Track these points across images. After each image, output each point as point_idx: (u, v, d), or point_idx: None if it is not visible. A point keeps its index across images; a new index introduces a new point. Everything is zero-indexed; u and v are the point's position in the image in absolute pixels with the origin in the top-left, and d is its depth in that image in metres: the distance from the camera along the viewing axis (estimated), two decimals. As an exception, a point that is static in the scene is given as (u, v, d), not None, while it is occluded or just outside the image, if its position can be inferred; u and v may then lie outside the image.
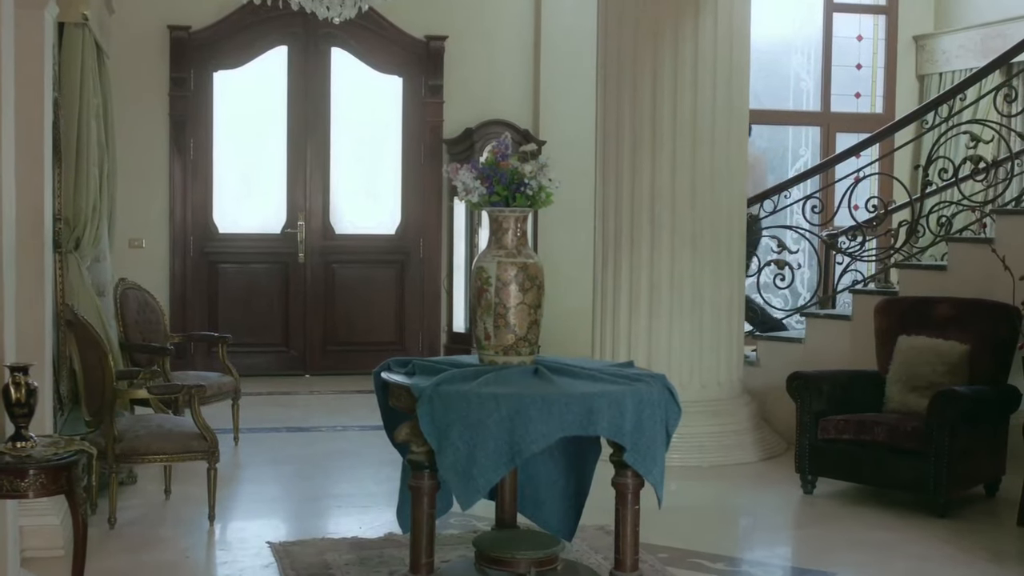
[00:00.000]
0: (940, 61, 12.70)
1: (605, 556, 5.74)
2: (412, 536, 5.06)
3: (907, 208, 9.16)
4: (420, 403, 4.73)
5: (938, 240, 8.69)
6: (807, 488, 7.49)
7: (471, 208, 5.48)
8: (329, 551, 6.04)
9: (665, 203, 7.98)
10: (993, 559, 6.24)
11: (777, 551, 6.56)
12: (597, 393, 4.78)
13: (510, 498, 5.53)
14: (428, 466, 4.91)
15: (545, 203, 5.21)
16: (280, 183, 11.52)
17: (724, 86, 8.16)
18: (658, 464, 4.88)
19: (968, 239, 8.58)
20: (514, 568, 5.10)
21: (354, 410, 9.67)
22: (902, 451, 6.88)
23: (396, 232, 11.81)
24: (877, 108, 13.09)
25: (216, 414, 7.80)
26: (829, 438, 7.26)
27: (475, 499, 4.76)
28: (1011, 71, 9.94)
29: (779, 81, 12.95)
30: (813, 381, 7.42)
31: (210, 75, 11.29)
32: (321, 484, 7.64)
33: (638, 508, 5.04)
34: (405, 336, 11.68)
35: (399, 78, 11.73)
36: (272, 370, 11.31)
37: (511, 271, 5.12)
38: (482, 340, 5.19)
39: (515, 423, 4.63)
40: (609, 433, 4.80)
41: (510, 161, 5.16)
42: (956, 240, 8.55)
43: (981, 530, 6.75)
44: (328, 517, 7.01)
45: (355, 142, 11.75)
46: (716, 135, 8.12)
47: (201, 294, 11.29)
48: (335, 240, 11.64)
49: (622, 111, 8.17)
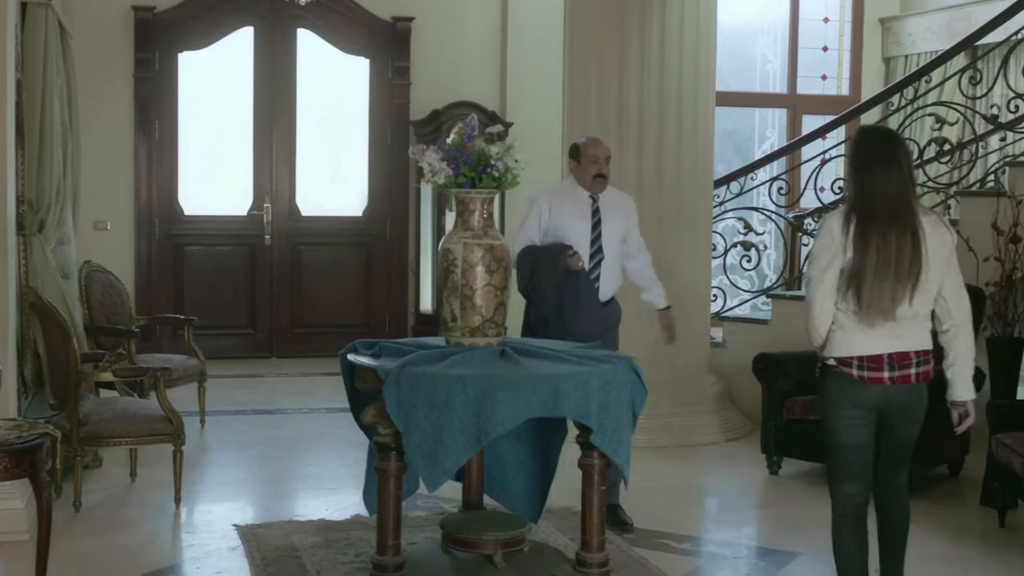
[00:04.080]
0: (906, 43, 12.74)
1: (572, 537, 5.76)
2: (379, 518, 5.05)
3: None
4: (386, 385, 4.73)
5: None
6: (772, 468, 7.53)
7: (437, 190, 5.46)
8: (296, 533, 6.04)
9: (631, 184, 7.97)
10: (956, 537, 6.30)
11: (743, 531, 6.60)
12: (563, 375, 4.79)
13: (477, 480, 5.54)
14: (394, 448, 4.91)
15: (511, 184, 5.20)
16: (246, 165, 11.45)
17: (691, 68, 8.17)
18: (624, 445, 4.90)
19: (933, 221, 8.61)
20: (481, 549, 5.11)
21: (321, 392, 9.65)
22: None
23: (363, 214, 11.77)
24: (843, 90, 13.11)
25: (182, 397, 7.77)
26: (794, 419, 7.30)
27: (442, 481, 4.76)
28: (976, 53, 9.98)
29: (745, 63, 12.96)
30: (779, 362, 7.46)
31: (175, 56, 11.21)
32: (288, 466, 7.63)
33: (604, 489, 5.07)
34: (372, 318, 11.65)
35: (366, 59, 11.68)
36: (238, 352, 11.26)
37: (477, 253, 5.12)
38: (448, 322, 5.19)
39: (481, 405, 4.64)
40: (575, 414, 4.81)
41: (476, 142, 5.15)
42: (921, 222, 8.59)
43: (945, 509, 6.81)
44: (295, 499, 7.00)
45: (322, 124, 11.70)
46: (683, 117, 8.13)
47: (167, 276, 11.23)
48: (301, 222, 11.59)
49: (589, 93, 8.17)
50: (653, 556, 5.78)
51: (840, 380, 4.76)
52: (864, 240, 4.63)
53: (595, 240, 6.31)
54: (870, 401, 4.76)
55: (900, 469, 4.96)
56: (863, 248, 4.62)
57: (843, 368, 4.74)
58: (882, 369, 4.72)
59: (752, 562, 5.98)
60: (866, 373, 4.72)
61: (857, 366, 4.72)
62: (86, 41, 10.01)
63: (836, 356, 4.76)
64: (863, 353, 4.71)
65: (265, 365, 11.14)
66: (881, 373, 4.73)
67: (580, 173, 6.38)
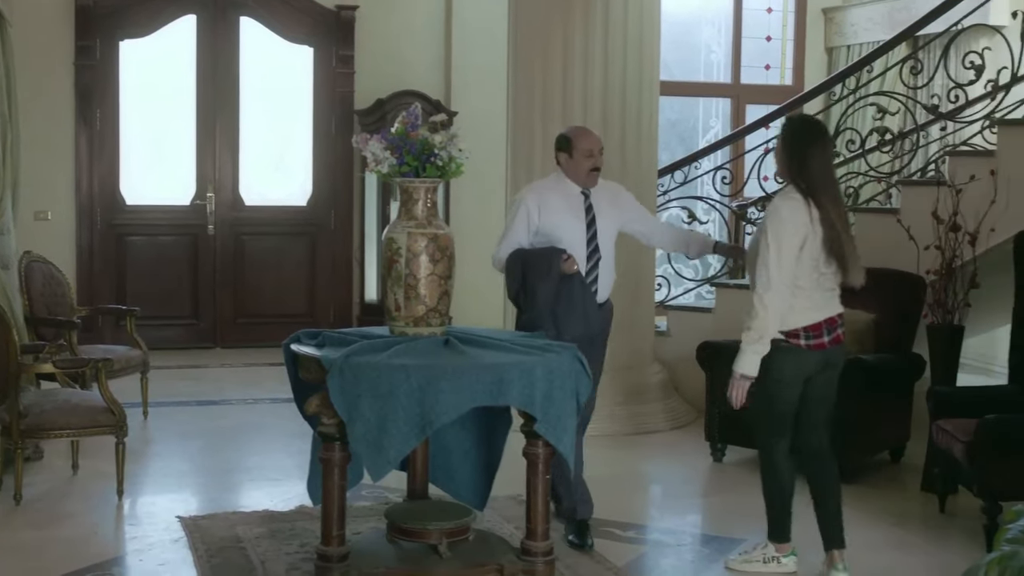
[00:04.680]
0: (848, 34, 12.83)
1: (517, 526, 5.77)
2: (323, 508, 5.03)
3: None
4: (330, 375, 4.71)
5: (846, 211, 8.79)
6: (717, 456, 7.58)
7: (382, 179, 5.45)
8: (240, 524, 6.02)
9: (576, 174, 7.98)
10: (897, 523, 6.38)
11: (687, 518, 6.64)
12: (508, 363, 4.79)
13: (421, 469, 5.54)
14: (338, 438, 4.89)
15: (455, 173, 5.20)
16: (189, 154, 11.37)
17: (635, 57, 8.19)
18: (569, 433, 4.90)
19: (874, 209, 8.71)
20: (425, 539, 5.10)
21: (265, 382, 9.60)
22: (810, 418, 6.96)
23: (307, 203, 11.72)
24: (786, 80, 13.20)
25: (124, 388, 7.71)
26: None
27: (386, 470, 4.75)
28: (917, 44, 10.06)
29: (690, 53, 13.01)
30: (723, 350, 7.47)
31: (116, 44, 11.10)
32: (232, 457, 7.60)
33: (549, 477, 5.07)
34: (317, 308, 11.61)
35: (310, 48, 11.63)
36: (182, 343, 11.19)
37: (421, 242, 5.11)
38: (392, 311, 5.18)
39: (425, 394, 4.63)
40: (520, 403, 4.81)
41: (420, 131, 5.14)
42: (863, 210, 8.69)
43: (886, 495, 6.89)
44: (239, 491, 6.97)
45: (265, 113, 11.62)
46: (627, 106, 8.15)
47: (109, 266, 11.13)
48: (245, 212, 11.52)
49: (533, 82, 8.17)
50: (598, 544, 5.80)
51: (788, 353, 5.28)
52: (827, 214, 5.22)
53: (591, 239, 5.91)
54: (811, 367, 5.35)
55: (828, 426, 5.55)
56: (829, 222, 5.22)
57: (791, 341, 5.28)
58: (822, 335, 5.32)
59: (696, 549, 6.02)
60: (812, 341, 5.30)
61: (804, 336, 5.28)
62: (25, 29, 9.89)
63: (784, 331, 5.26)
64: (807, 323, 5.27)
65: (208, 355, 11.08)
66: (822, 339, 5.32)
67: (572, 167, 5.94)
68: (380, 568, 5.03)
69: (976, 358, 9.67)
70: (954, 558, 5.59)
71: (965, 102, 8.38)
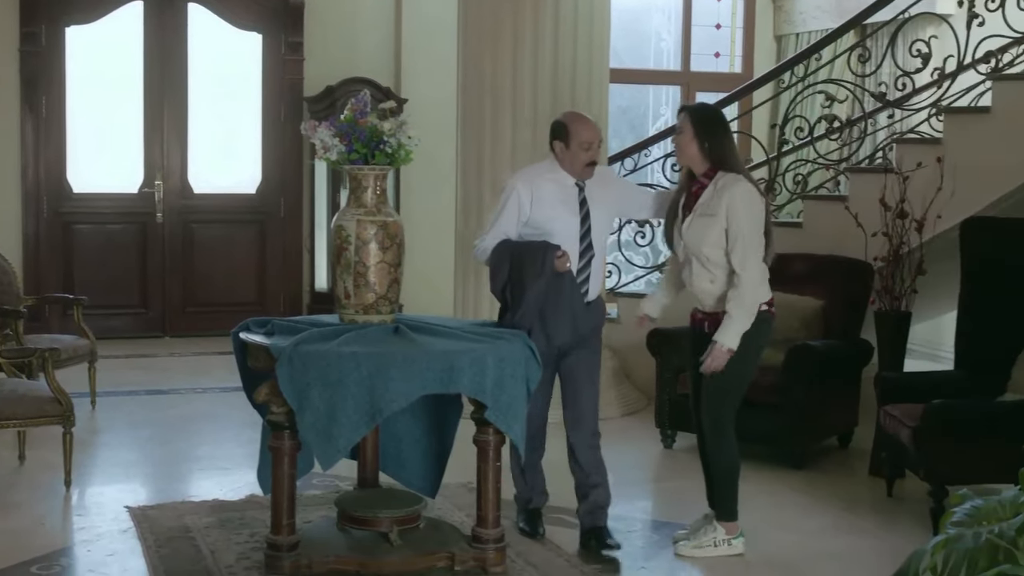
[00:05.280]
0: (797, 22, 12.89)
1: (468, 513, 5.77)
2: (273, 497, 5.02)
3: (764, 166, 9.29)
4: (279, 363, 4.69)
5: (794, 198, 8.85)
6: (667, 442, 7.61)
7: (331, 166, 5.43)
8: (189, 514, 5.99)
9: (526, 161, 7.96)
10: (846, 507, 6.42)
11: (638, 504, 6.65)
12: (458, 351, 4.80)
13: (372, 457, 5.53)
14: (288, 426, 4.88)
15: (405, 161, 5.19)
16: (137, 142, 11.27)
17: (584, 45, 8.18)
18: (519, 421, 4.92)
19: (823, 197, 8.76)
20: (376, 527, 5.11)
21: (215, 371, 9.55)
22: (759, 404, 6.97)
23: (256, 191, 11.65)
24: (736, 68, 13.24)
25: (72, 378, 7.64)
26: (687, 393, 7.36)
27: (336, 459, 4.75)
28: (864, 32, 10.13)
29: (639, 40, 13.03)
30: (672, 337, 7.51)
31: (62, 30, 10.98)
32: (181, 447, 7.55)
33: (499, 464, 5.10)
34: (267, 296, 11.56)
35: (258, 35, 11.55)
36: (130, 332, 11.09)
37: (370, 229, 5.10)
38: (342, 299, 5.17)
39: (375, 382, 4.63)
40: (470, 391, 4.82)
41: (369, 118, 5.13)
42: (811, 198, 8.74)
43: (835, 480, 6.94)
44: (188, 480, 6.93)
45: (214, 100, 11.54)
46: (576, 93, 8.15)
47: (56, 255, 11.02)
48: (194, 199, 11.44)
49: (483, 69, 8.16)
50: (549, 531, 5.81)
51: (764, 324, 5.49)
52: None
53: (585, 235, 5.54)
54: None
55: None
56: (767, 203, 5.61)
57: (770, 309, 5.52)
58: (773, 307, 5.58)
59: (647, 535, 6.05)
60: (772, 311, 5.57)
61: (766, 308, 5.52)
62: (-31, 14, 9.78)
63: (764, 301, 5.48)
64: (767, 297, 5.51)
65: (157, 345, 11.00)
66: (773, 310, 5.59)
67: (567, 158, 5.51)
68: (330, 557, 5.03)
69: (923, 344, 9.76)
70: (901, 541, 5.63)
71: (912, 90, 8.44)
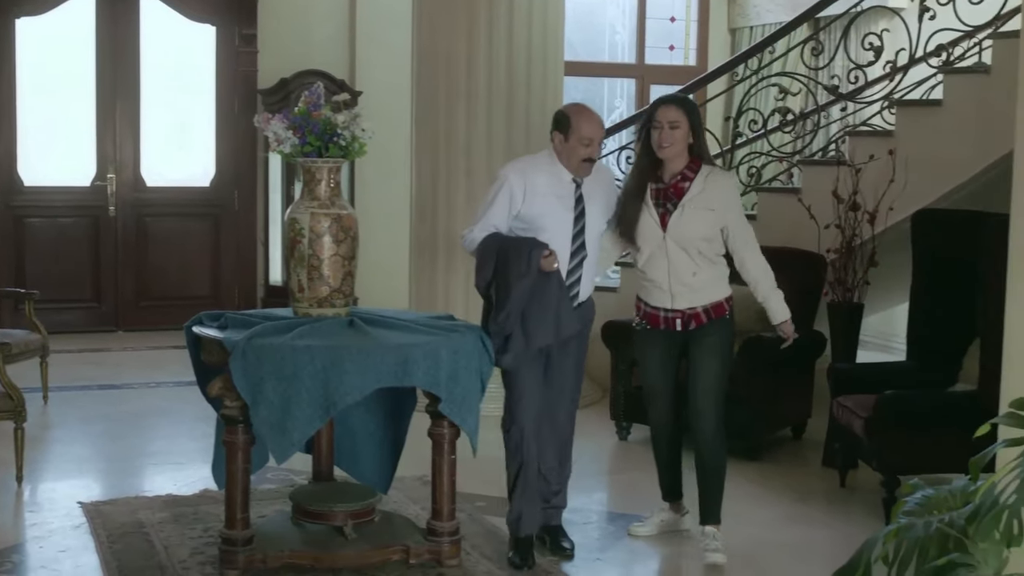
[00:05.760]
0: (751, 15, 12.93)
1: (423, 506, 5.76)
2: (227, 492, 5.01)
3: (718, 159, 9.32)
4: (233, 357, 4.67)
5: (748, 190, 8.88)
6: (622, 435, 7.63)
7: (285, 159, 5.41)
8: (143, 509, 5.95)
9: (480, 153, 7.98)
10: (800, 498, 6.47)
11: (594, 496, 6.66)
12: (412, 344, 4.79)
13: (327, 451, 5.52)
14: (242, 420, 4.86)
15: (359, 153, 5.18)
16: (89, 134, 11.16)
17: (539, 36, 8.19)
18: (473, 414, 4.92)
19: (776, 189, 8.80)
20: (331, 521, 5.11)
21: (169, 366, 9.48)
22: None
23: (210, 184, 11.57)
24: (690, 60, 13.26)
25: (23, 373, 7.57)
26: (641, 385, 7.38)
27: (290, 453, 4.74)
28: (818, 25, 10.16)
29: (594, 33, 13.03)
30: (624, 330, 7.51)
31: (12, 22, 10.84)
32: (134, 442, 7.50)
33: (454, 458, 5.10)
34: (221, 290, 11.49)
35: (212, 27, 11.47)
36: (82, 326, 11.00)
37: (324, 222, 5.09)
38: (296, 292, 5.15)
39: (330, 375, 4.62)
40: (424, 384, 4.81)
41: (322, 111, 5.11)
42: (765, 190, 8.78)
43: (788, 471, 6.98)
44: (142, 475, 6.89)
45: (167, 92, 11.44)
46: (532, 85, 8.15)
47: (6, 249, 10.89)
48: (147, 193, 11.35)
49: (437, 61, 8.14)
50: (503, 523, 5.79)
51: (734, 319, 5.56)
52: None
53: (578, 235, 5.28)
54: None
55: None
56: None
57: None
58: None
59: (602, 527, 6.06)
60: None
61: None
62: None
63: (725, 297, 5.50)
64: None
65: (110, 339, 10.91)
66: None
67: (565, 152, 5.25)
68: (285, 551, 5.02)
69: (875, 335, 9.83)
70: (855, 531, 5.67)
71: (865, 83, 8.49)
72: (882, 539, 3.01)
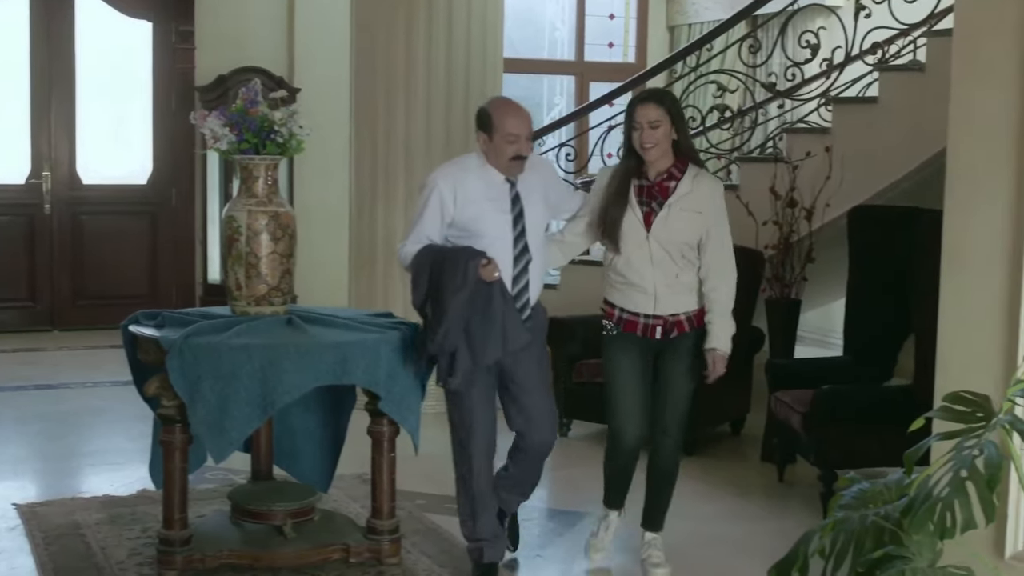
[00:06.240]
0: (690, 12, 12.99)
1: (363, 505, 5.75)
2: (165, 492, 4.97)
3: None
4: (170, 356, 4.64)
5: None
6: (563, 431, 7.63)
7: (222, 156, 5.38)
8: (79, 511, 5.89)
9: (420, 151, 7.95)
10: (739, 493, 6.51)
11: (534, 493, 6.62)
12: (351, 342, 4.78)
13: (265, 450, 5.49)
14: (179, 420, 4.82)
15: (296, 151, 5.16)
16: (23, 132, 11.03)
17: (479, 33, 8.17)
18: (413, 412, 4.91)
19: (715, 186, 8.83)
20: (270, 520, 5.08)
21: (106, 365, 9.38)
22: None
23: (148, 182, 11.48)
24: (629, 58, 13.31)
25: (-43, 373, 7.50)
26: (583, 381, 7.42)
27: (228, 452, 4.71)
28: (755, 23, 10.23)
29: (534, 30, 13.04)
30: (567, 326, 7.55)
31: (-56, 18, 10.74)
32: (71, 443, 7.43)
33: (394, 456, 5.09)
34: (159, 289, 11.38)
35: (148, 23, 11.37)
36: (17, 326, 10.88)
37: (262, 220, 5.06)
38: (234, 291, 5.12)
39: (268, 374, 4.59)
40: (363, 382, 4.80)
41: (260, 108, 5.08)
42: (703, 187, 8.80)
43: (727, 466, 7.02)
44: (79, 476, 6.82)
45: (103, 89, 11.33)
46: (471, 82, 8.14)
47: (-60, 248, 10.79)
48: (83, 191, 11.24)
49: (376, 58, 8.11)
50: (444, 521, 5.81)
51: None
52: None
53: (519, 237, 4.94)
54: None
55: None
56: None
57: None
58: None
59: (543, 524, 6.07)
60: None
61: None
62: None
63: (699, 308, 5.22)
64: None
65: (46, 338, 10.80)
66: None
67: (492, 152, 4.88)
68: (224, 551, 4.99)
69: (813, 331, 9.92)
70: (793, 525, 5.70)
71: (802, 80, 8.56)
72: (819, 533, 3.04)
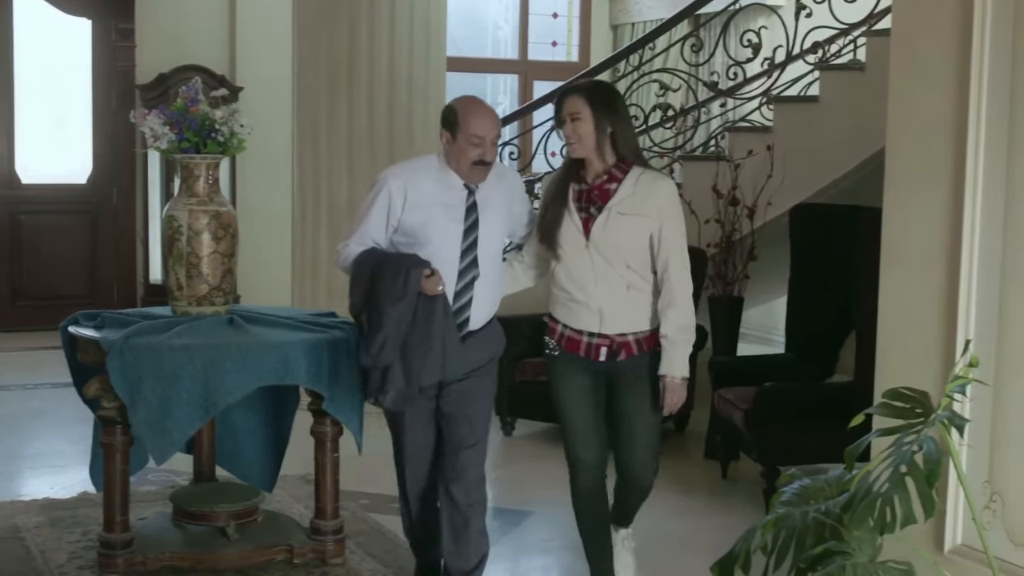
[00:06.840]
0: (633, 11, 13.03)
1: (307, 505, 5.72)
2: (106, 494, 4.93)
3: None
4: (110, 357, 4.59)
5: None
6: (507, 430, 7.64)
7: (163, 155, 5.34)
8: (19, 514, 5.82)
9: (363, 149, 7.94)
10: (684, 491, 6.53)
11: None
12: (293, 342, 4.75)
13: (208, 451, 5.46)
14: (120, 421, 4.78)
15: (237, 149, 5.13)
16: (-40, 131, 10.94)
17: (422, 30, 8.18)
18: (356, 412, 4.89)
19: (658, 184, 8.86)
20: (213, 521, 5.05)
21: (46, 367, 9.27)
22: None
23: (88, 181, 11.36)
24: (573, 56, 13.34)
25: None
26: (526, 380, 7.41)
27: (170, 453, 4.67)
28: (698, 22, 10.29)
29: (477, 29, 13.04)
30: (512, 324, 7.46)
31: None
32: (10, 445, 7.34)
33: (337, 456, 5.07)
34: (99, 289, 11.27)
35: (88, 20, 11.26)
36: (-44, 327, 10.76)
37: (203, 219, 5.02)
38: (175, 291, 5.08)
39: (209, 374, 4.56)
40: (306, 382, 4.78)
41: (200, 106, 5.05)
42: (647, 185, 8.83)
43: (672, 463, 7.03)
44: (18, 479, 6.74)
45: (42, 88, 11.22)
46: (414, 79, 8.14)
47: None
48: (21, 190, 11.11)
49: (319, 56, 8.10)
50: (387, 521, 5.79)
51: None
52: None
53: (468, 250, 4.47)
54: None
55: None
56: None
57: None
58: None
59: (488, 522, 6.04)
60: None
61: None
62: None
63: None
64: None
65: (-15, 340, 10.69)
66: None
67: (454, 154, 4.47)
68: (166, 553, 4.96)
69: (756, 328, 9.98)
70: (736, 521, 5.73)
71: (743, 79, 8.61)
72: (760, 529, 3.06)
